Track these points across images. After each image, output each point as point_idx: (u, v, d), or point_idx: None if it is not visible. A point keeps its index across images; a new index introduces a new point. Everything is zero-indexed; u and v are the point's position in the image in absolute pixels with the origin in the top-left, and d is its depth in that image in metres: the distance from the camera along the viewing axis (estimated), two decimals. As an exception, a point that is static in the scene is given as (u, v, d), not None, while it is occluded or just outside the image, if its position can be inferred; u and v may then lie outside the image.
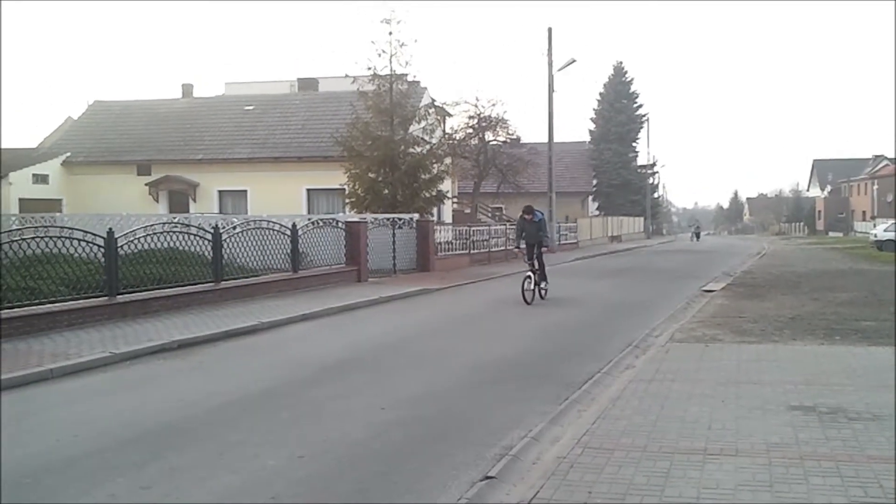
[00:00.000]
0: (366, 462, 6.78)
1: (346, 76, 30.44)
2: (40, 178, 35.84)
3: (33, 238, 13.94)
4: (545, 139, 41.91)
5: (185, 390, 9.64)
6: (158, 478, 6.33)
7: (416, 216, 27.48)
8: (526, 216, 18.82)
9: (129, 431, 7.67)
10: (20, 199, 33.40)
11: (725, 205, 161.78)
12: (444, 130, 39.84)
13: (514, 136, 45.87)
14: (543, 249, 19.03)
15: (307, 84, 43.11)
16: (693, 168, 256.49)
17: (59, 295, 13.78)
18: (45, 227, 19.82)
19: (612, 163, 70.43)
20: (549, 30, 40.84)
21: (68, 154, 37.58)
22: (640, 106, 75.22)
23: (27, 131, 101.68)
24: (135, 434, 7.57)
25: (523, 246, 18.89)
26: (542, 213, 19.71)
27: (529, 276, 18.07)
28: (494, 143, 45.43)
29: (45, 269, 13.80)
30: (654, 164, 78.24)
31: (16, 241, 13.79)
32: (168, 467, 6.58)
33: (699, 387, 9.09)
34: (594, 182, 69.88)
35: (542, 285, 18.75)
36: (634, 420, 7.70)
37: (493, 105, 43.60)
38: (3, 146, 23.70)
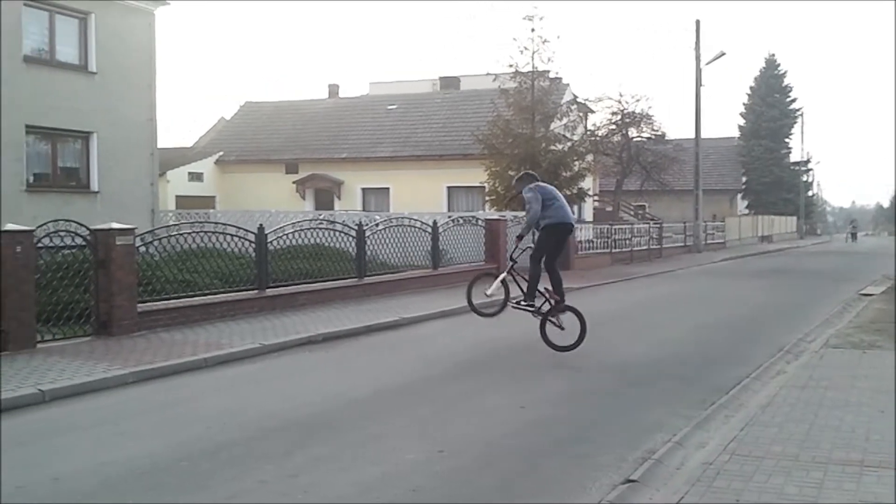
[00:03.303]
0: (505, 460, 6.76)
1: (488, 74, 30.51)
2: (195, 176, 37.68)
3: (189, 233, 14.66)
4: (691, 135, 40.77)
5: (329, 382, 9.89)
6: (304, 467, 6.51)
7: (556, 214, 27.19)
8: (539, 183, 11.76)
9: (276, 421, 7.92)
10: (177, 196, 35.22)
11: (886, 203, 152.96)
12: (586, 127, 39.33)
13: (659, 132, 44.69)
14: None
15: (449, 83, 43.49)
16: (851, 165, 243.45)
17: (213, 287, 14.42)
18: (201, 222, 20.78)
19: (763, 159, 67.68)
20: (697, 22, 39.69)
21: (221, 153, 39.34)
22: (794, 100, 72.01)
23: (184, 132, 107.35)
24: (282, 423, 7.82)
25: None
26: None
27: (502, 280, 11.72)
28: (638, 139, 44.47)
29: (200, 263, 14.47)
30: (808, 161, 74.77)
31: (173, 235, 14.56)
32: (313, 457, 6.76)
33: (856, 395, 8.60)
34: (743, 179, 67.44)
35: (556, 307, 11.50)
36: (786, 428, 7.36)
37: (638, 100, 42.67)
38: (161, 146, 25.03)
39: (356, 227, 18.08)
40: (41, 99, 20.19)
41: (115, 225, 12.61)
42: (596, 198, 44.34)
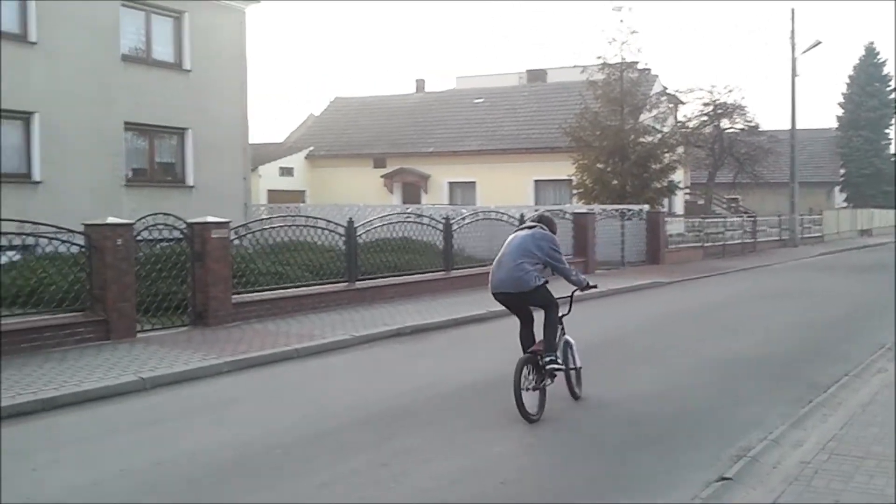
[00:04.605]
0: (595, 454, 6.70)
1: (575, 66, 30.25)
2: (286, 171, 38.37)
3: (281, 227, 14.95)
4: (787, 126, 39.64)
5: (417, 374, 9.96)
6: (394, 457, 6.57)
7: (645, 207, 26.85)
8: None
9: (366, 411, 8.02)
10: (268, 191, 35.91)
11: None
12: (676, 119, 38.64)
13: (753, 124, 43.48)
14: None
15: (536, 75, 43.25)
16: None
17: (304, 280, 14.68)
18: (292, 216, 21.18)
19: (863, 151, 65.23)
20: (792, 11, 38.58)
21: (311, 148, 39.98)
22: (895, 89, 69.25)
23: (274, 127, 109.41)
24: (372, 413, 7.91)
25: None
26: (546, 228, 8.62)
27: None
28: (731, 130, 43.43)
29: (292, 256, 14.75)
30: (910, 152, 71.75)
31: (266, 229, 14.87)
32: (402, 447, 6.81)
33: (965, 395, 8.23)
34: (841, 172, 65.19)
35: (549, 365, 7.93)
36: (888, 427, 7.09)
37: (730, 91, 41.62)
38: (253, 141, 25.57)
39: (443, 221, 18.16)
40: (138, 96, 20.83)
41: (211, 218, 12.94)
42: (687, 191, 43.50)
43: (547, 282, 8.32)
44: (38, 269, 11.77)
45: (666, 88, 36.33)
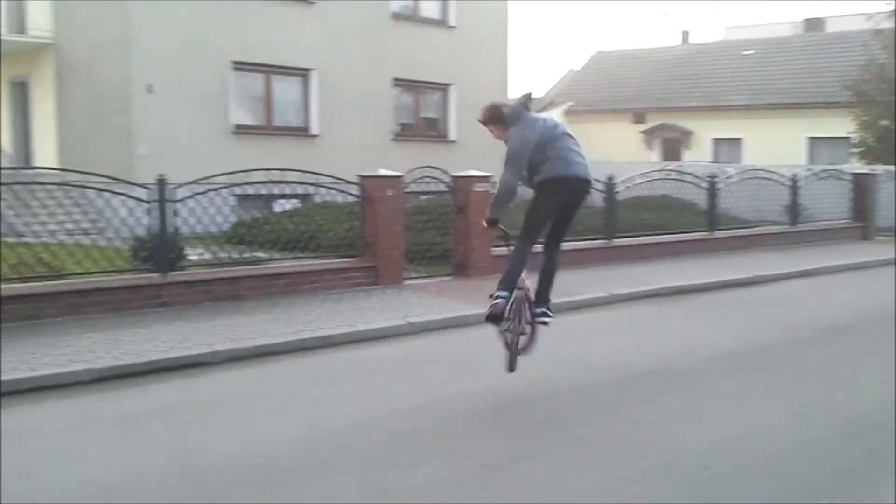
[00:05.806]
0: (874, 433, 6.21)
1: (860, 14, 27.77)
2: (545, 126, 38.47)
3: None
4: None
5: (677, 336, 9.70)
6: (652, 418, 6.46)
7: (938, 170, 24.31)
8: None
9: (630, 369, 7.92)
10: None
11: None
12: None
13: None
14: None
15: (813, 25, 40.26)
16: None
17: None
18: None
19: None
20: None
21: (570, 103, 39.74)
22: None
23: (534, 83, 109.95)
24: (636, 371, 7.81)
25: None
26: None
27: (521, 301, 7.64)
28: None
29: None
30: None
31: (526, 183, 15.00)
32: (663, 409, 6.68)
33: None
34: None
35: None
36: None
37: None
38: (512, 97, 25.76)
39: (707, 179, 17.45)
40: (406, 53, 21.67)
41: (474, 172, 13.25)
42: None
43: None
44: (317, 215, 12.66)
45: (969, 37, 32.52)
